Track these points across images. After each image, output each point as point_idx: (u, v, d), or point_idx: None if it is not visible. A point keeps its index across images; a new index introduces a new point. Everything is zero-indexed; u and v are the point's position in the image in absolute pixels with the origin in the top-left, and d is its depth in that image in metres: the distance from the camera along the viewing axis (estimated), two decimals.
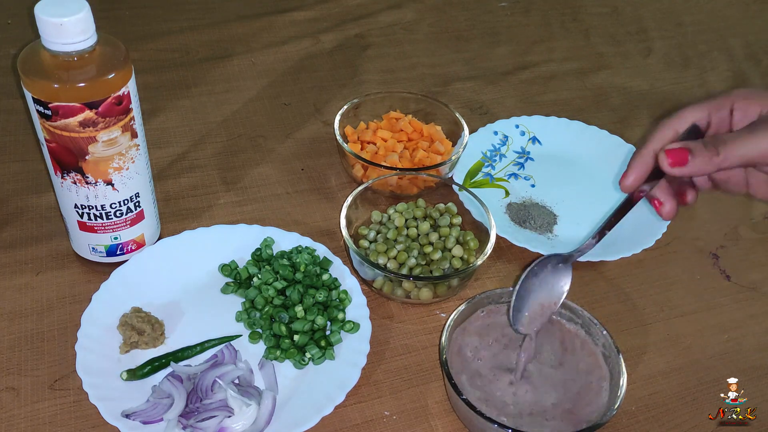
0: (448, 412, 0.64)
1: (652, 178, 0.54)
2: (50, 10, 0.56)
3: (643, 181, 0.54)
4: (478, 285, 0.76)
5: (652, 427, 0.65)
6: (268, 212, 0.81)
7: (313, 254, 0.73)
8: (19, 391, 0.62)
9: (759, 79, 1.14)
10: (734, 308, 0.77)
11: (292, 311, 0.67)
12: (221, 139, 0.91)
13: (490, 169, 0.89)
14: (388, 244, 0.73)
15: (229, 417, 0.59)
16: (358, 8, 1.20)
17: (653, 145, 0.53)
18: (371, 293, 0.73)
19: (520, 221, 0.83)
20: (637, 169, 0.53)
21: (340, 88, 1.02)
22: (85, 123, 0.59)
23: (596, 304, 0.75)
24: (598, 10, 1.29)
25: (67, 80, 0.58)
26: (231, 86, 1.00)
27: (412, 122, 0.89)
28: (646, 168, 0.53)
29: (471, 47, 1.15)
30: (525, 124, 0.95)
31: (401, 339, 0.70)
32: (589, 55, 1.16)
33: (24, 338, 0.66)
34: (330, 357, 0.65)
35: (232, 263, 0.73)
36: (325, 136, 0.93)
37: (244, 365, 0.64)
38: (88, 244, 0.69)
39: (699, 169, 0.50)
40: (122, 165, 0.64)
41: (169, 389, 0.61)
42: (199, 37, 1.09)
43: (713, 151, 0.49)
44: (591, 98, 1.06)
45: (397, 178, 0.80)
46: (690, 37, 1.24)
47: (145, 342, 0.65)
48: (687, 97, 1.09)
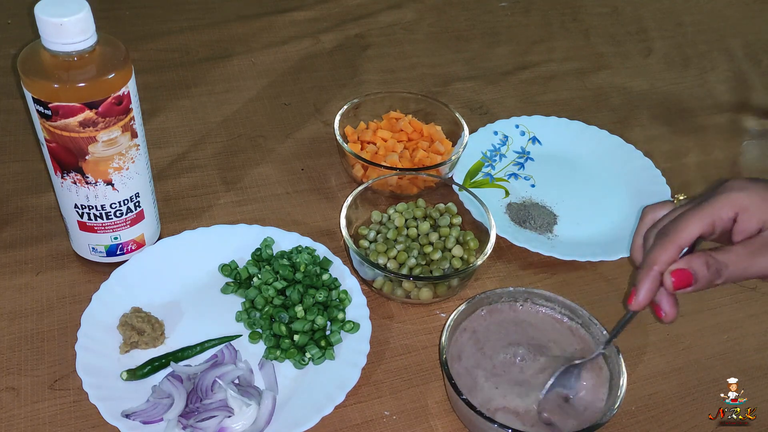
0: (448, 412, 0.64)
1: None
2: (50, 10, 0.56)
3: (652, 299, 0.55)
4: (478, 285, 0.76)
5: (652, 427, 0.65)
6: (268, 212, 0.81)
7: (313, 254, 0.73)
8: (19, 391, 0.62)
9: (759, 79, 1.14)
10: (734, 308, 0.77)
11: (292, 311, 0.67)
12: (221, 139, 0.91)
13: (490, 169, 0.89)
14: (388, 244, 0.73)
15: (229, 417, 0.59)
16: (358, 8, 1.20)
17: (658, 266, 0.53)
18: (371, 293, 0.73)
19: (520, 221, 0.83)
20: (646, 290, 0.54)
21: (340, 88, 1.02)
22: (85, 123, 0.59)
23: (596, 304, 0.75)
24: (598, 10, 1.29)
25: (67, 80, 0.58)
26: (231, 86, 1.00)
27: (412, 122, 0.89)
28: (653, 289, 0.54)
29: (471, 47, 1.15)
30: (525, 124, 0.95)
31: (401, 339, 0.70)
32: (589, 55, 1.16)
33: (24, 338, 0.66)
34: (330, 357, 0.65)
35: (232, 263, 0.73)
36: (325, 136, 0.93)
37: (244, 365, 0.64)
38: (88, 244, 0.69)
39: (701, 289, 0.52)
40: (122, 165, 0.64)
41: (169, 389, 0.61)
42: (199, 37, 1.09)
43: (715, 275, 0.51)
44: (591, 98, 1.06)
45: (397, 178, 0.80)
46: (690, 37, 1.24)
47: (145, 342, 0.65)
48: (687, 97, 1.09)
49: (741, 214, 0.52)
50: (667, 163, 0.94)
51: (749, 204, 0.52)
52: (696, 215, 0.53)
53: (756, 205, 0.52)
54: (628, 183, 0.89)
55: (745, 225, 0.53)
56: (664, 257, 0.53)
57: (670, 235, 0.53)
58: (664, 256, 0.53)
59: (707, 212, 0.53)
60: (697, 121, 1.05)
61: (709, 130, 1.03)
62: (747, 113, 1.07)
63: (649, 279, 0.54)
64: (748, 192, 0.52)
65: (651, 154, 0.92)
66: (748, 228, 0.53)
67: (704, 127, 1.03)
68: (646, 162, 0.90)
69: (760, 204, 0.52)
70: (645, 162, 0.90)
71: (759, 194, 0.52)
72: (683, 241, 0.53)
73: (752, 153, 1.00)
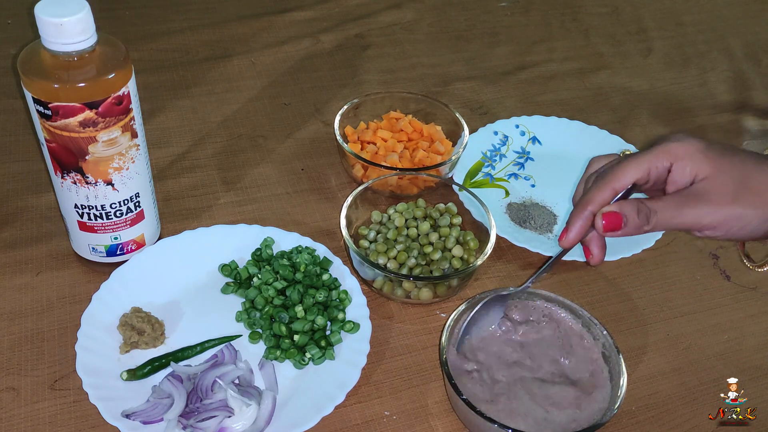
0: (448, 412, 0.64)
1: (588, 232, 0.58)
2: (50, 10, 0.56)
3: (582, 238, 0.58)
4: (478, 285, 0.76)
5: (652, 427, 0.65)
6: (268, 212, 0.81)
7: (313, 254, 0.73)
8: (19, 391, 0.62)
9: (759, 79, 1.14)
10: (734, 308, 0.77)
11: (292, 311, 0.67)
12: (221, 139, 0.91)
13: (490, 169, 0.89)
14: (388, 244, 0.73)
15: (229, 417, 0.59)
16: (358, 8, 1.20)
17: (592, 206, 0.56)
18: (371, 293, 0.73)
19: (520, 221, 0.83)
20: (577, 228, 0.57)
21: (340, 88, 1.02)
22: (85, 123, 0.59)
23: (596, 304, 0.75)
24: (598, 10, 1.29)
25: (67, 80, 0.58)
26: (231, 86, 1.00)
27: (412, 122, 0.89)
28: (584, 227, 0.57)
29: (471, 47, 1.15)
30: (525, 124, 0.95)
31: (401, 339, 0.70)
32: (589, 55, 1.16)
33: (24, 338, 0.66)
34: (330, 357, 0.65)
35: (232, 263, 0.73)
36: (325, 136, 0.93)
37: (244, 365, 0.64)
38: (88, 244, 0.69)
39: (630, 233, 0.55)
40: (122, 165, 0.64)
41: (169, 389, 0.61)
42: (199, 37, 1.09)
43: (644, 221, 0.54)
44: (591, 98, 1.06)
45: (397, 178, 0.80)
46: (690, 37, 1.25)
47: (145, 342, 0.65)
48: (687, 97, 1.09)
49: (675, 163, 0.54)
50: None
51: (684, 154, 0.54)
52: (633, 162, 0.55)
53: (690, 157, 0.54)
54: None
55: (678, 175, 0.54)
56: (598, 198, 0.56)
57: (606, 179, 0.56)
58: (598, 197, 0.56)
59: (644, 159, 0.55)
60: (697, 121, 1.05)
61: (709, 130, 1.03)
62: (747, 113, 1.07)
63: (582, 218, 0.56)
64: (685, 144, 0.54)
65: None
66: (681, 179, 0.54)
67: (704, 127, 1.03)
68: None
69: (695, 156, 0.54)
70: None
71: (695, 147, 0.54)
72: (618, 184, 0.55)
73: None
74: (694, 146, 0.54)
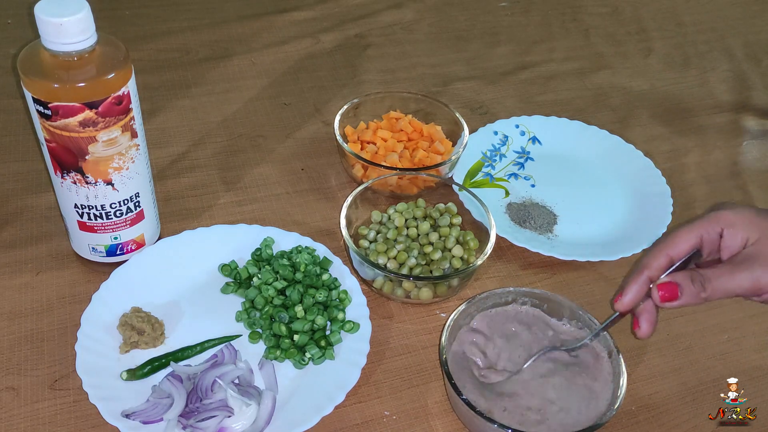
0: (448, 412, 0.64)
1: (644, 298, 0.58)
2: (50, 10, 0.56)
3: (637, 304, 0.58)
4: (478, 285, 0.76)
5: (652, 427, 0.65)
6: (268, 212, 0.81)
7: (313, 254, 0.73)
8: (19, 391, 0.62)
9: (759, 79, 1.14)
10: (734, 308, 0.77)
11: (292, 311, 0.67)
12: (221, 139, 0.91)
13: (490, 169, 0.89)
14: (388, 244, 0.73)
15: (229, 417, 0.59)
16: (358, 8, 1.20)
17: (649, 272, 0.57)
18: (371, 293, 0.73)
19: (520, 221, 0.83)
20: (633, 291, 0.57)
21: (340, 88, 1.02)
22: (85, 123, 0.59)
23: (596, 304, 0.75)
24: (598, 10, 1.29)
25: (67, 80, 0.58)
26: (231, 86, 1.00)
27: (412, 122, 0.89)
28: (640, 291, 0.57)
29: (471, 47, 1.15)
30: (525, 124, 0.95)
31: (401, 339, 0.70)
32: (589, 55, 1.16)
33: (24, 338, 0.66)
34: (330, 357, 0.65)
35: (232, 263, 0.73)
36: (325, 136, 0.93)
37: (244, 365, 0.64)
38: (88, 244, 0.69)
39: (688, 303, 0.55)
40: (122, 165, 0.64)
41: (169, 389, 0.61)
42: (199, 37, 1.09)
43: (700, 288, 0.55)
44: (591, 98, 1.06)
45: (397, 178, 0.80)
46: (690, 37, 1.24)
47: (145, 342, 0.65)
48: (687, 97, 1.09)
49: (726, 230, 0.56)
50: (667, 163, 0.94)
51: (735, 221, 0.56)
52: (686, 229, 0.57)
53: (741, 223, 0.56)
54: (628, 183, 0.89)
55: (730, 241, 0.56)
56: (653, 263, 0.57)
57: (660, 245, 0.58)
58: (653, 263, 0.57)
59: (696, 226, 0.57)
60: (697, 121, 1.05)
61: (709, 130, 1.03)
62: (747, 113, 1.07)
63: (638, 282, 0.57)
64: (735, 211, 0.57)
65: (651, 154, 0.92)
66: (733, 244, 0.56)
67: (704, 127, 1.03)
68: (646, 162, 0.90)
69: (745, 222, 0.56)
70: (645, 162, 0.90)
71: (745, 214, 0.56)
72: (673, 251, 0.57)
73: (752, 153, 1.00)
74: (744, 213, 0.56)
